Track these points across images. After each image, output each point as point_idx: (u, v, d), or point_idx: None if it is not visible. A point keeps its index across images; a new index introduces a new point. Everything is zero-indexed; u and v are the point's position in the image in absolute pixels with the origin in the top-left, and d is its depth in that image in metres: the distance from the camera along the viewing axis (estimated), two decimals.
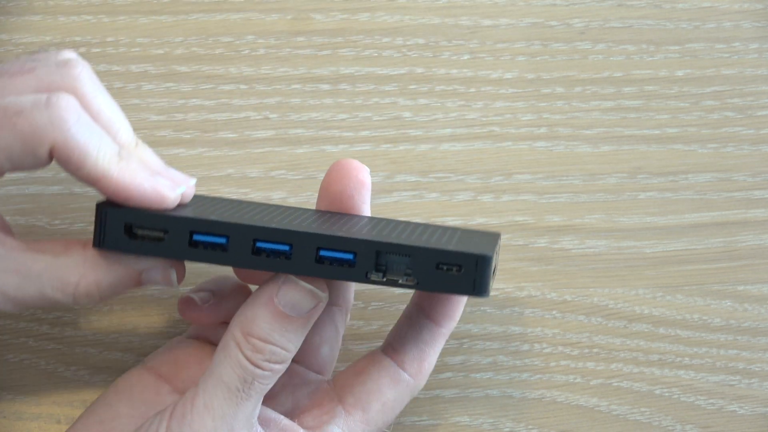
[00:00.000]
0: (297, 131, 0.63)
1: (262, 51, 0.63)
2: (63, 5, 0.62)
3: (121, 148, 0.51)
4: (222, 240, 0.51)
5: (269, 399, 0.55)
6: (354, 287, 0.59)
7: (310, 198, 0.62)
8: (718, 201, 0.64)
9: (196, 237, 0.51)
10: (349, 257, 0.51)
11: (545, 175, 0.63)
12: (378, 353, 0.57)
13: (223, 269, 0.59)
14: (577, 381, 0.63)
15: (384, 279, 0.51)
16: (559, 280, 0.63)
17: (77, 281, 0.52)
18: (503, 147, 0.63)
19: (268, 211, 0.55)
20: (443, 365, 0.63)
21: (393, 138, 0.63)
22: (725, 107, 0.64)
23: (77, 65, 0.51)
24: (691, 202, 0.64)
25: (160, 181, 0.52)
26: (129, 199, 0.51)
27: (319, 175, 0.60)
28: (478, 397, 0.63)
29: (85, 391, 0.62)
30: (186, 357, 0.58)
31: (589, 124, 0.64)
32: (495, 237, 0.55)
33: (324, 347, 0.58)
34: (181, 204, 0.53)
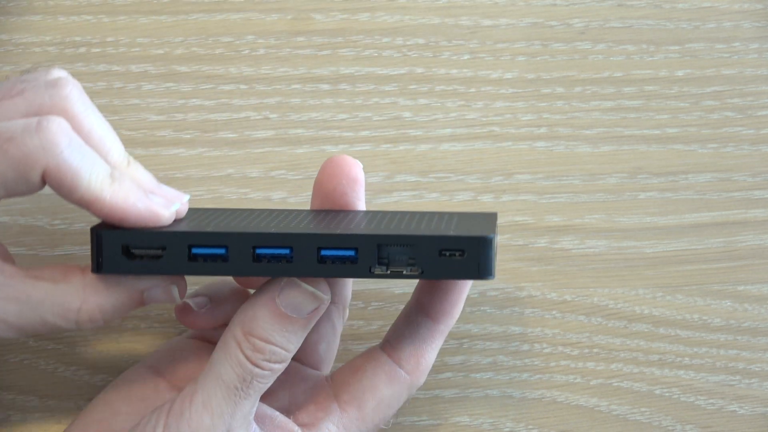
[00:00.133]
0: (297, 131, 0.63)
1: (262, 51, 0.63)
2: (63, 5, 0.62)
3: (113, 168, 0.51)
4: (221, 251, 0.51)
5: (266, 395, 0.55)
6: (351, 284, 0.59)
7: (310, 198, 0.62)
8: (718, 201, 0.64)
9: (195, 250, 0.51)
10: (351, 254, 0.51)
11: (545, 175, 0.63)
12: (376, 350, 0.57)
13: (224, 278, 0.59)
14: (577, 381, 0.63)
15: (388, 272, 0.51)
16: (559, 280, 0.63)
17: (79, 307, 0.51)
18: (503, 147, 0.63)
19: (263, 217, 0.54)
20: (443, 365, 0.63)
21: (393, 138, 0.63)
22: (725, 107, 0.64)
23: (66, 85, 0.51)
24: (691, 202, 0.64)
25: (153, 200, 0.51)
26: (123, 221, 0.51)
27: None
28: (478, 397, 0.63)
29: (85, 391, 0.62)
30: (186, 356, 0.58)
31: (589, 124, 0.64)
32: (492, 217, 0.55)
33: (321, 344, 0.58)
34: (176, 220, 0.52)
